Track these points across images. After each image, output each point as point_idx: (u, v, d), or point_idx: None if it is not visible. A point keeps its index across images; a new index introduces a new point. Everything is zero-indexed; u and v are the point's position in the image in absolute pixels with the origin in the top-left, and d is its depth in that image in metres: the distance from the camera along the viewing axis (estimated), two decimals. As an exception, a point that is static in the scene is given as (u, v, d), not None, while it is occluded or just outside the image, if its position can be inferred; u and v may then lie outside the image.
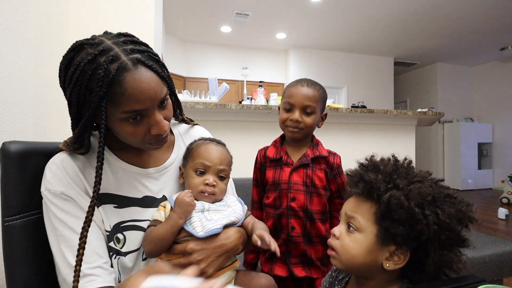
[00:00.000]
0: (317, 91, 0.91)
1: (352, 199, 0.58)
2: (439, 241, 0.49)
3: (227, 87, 2.32)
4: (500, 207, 3.89)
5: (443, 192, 0.53)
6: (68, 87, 0.56)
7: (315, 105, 0.90)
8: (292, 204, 0.90)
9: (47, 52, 1.23)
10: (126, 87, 0.53)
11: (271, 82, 5.83)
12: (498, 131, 6.32)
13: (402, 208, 0.49)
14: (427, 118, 2.42)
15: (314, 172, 0.93)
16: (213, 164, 0.70)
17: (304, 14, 4.42)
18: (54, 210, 0.59)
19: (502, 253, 1.36)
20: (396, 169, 0.56)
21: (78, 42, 0.56)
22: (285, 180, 0.92)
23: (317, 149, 0.95)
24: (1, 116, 0.87)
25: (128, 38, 0.58)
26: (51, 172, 0.61)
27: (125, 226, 0.65)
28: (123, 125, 0.58)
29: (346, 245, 0.54)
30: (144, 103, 0.56)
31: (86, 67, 0.53)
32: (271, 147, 1.01)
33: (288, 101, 0.91)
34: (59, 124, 1.34)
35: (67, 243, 0.58)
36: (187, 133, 0.84)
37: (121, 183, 0.66)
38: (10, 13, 0.92)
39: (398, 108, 7.40)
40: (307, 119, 0.90)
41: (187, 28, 4.98)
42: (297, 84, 0.92)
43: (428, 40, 5.29)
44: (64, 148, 0.63)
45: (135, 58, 0.55)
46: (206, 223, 0.64)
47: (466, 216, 0.51)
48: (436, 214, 0.49)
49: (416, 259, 0.51)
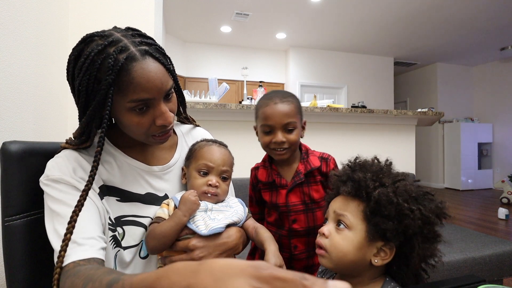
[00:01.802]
0: (292, 103, 0.85)
1: (339, 198, 0.60)
2: (422, 235, 0.52)
3: (227, 87, 2.32)
4: (500, 207, 3.89)
5: (421, 190, 0.57)
6: (77, 77, 0.57)
7: (294, 119, 0.84)
8: (294, 226, 0.88)
9: (47, 52, 1.23)
10: (134, 76, 0.55)
11: (271, 82, 5.84)
12: (498, 131, 6.33)
13: (391, 204, 0.52)
14: (427, 118, 2.42)
15: (310, 188, 0.89)
16: (216, 165, 0.71)
17: (304, 14, 4.42)
18: (51, 193, 0.57)
19: (502, 253, 1.37)
20: (381, 168, 0.59)
21: (89, 34, 0.58)
22: (283, 203, 0.89)
23: (307, 161, 0.90)
24: (1, 116, 0.87)
25: (136, 32, 0.61)
26: (53, 162, 0.60)
27: (125, 221, 0.65)
28: (129, 115, 0.59)
29: (337, 243, 0.56)
30: (151, 92, 0.57)
31: (95, 57, 0.55)
32: (261, 170, 0.95)
33: (266, 124, 0.84)
34: (59, 124, 1.34)
35: (63, 220, 0.54)
36: (189, 133, 0.85)
37: (126, 178, 0.67)
38: (10, 13, 0.92)
39: (398, 108, 7.41)
40: (291, 136, 0.84)
41: (187, 28, 4.98)
42: (269, 103, 0.84)
43: (428, 40, 5.29)
44: (68, 145, 0.63)
45: (143, 50, 0.57)
46: (210, 222, 0.66)
47: (442, 212, 0.55)
48: (419, 209, 0.52)
49: (401, 253, 0.54)
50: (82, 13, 1.67)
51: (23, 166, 0.63)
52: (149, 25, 1.84)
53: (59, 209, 0.56)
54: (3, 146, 0.62)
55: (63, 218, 0.55)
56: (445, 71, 6.59)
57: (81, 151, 0.64)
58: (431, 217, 0.53)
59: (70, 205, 0.55)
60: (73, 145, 0.63)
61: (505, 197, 4.57)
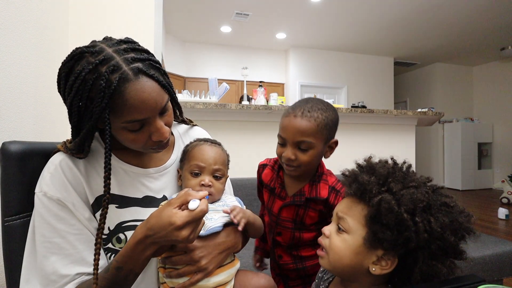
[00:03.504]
0: (315, 120, 0.73)
1: (345, 199, 0.58)
2: (429, 250, 0.48)
3: (227, 87, 2.32)
4: (500, 207, 3.89)
5: (439, 200, 0.51)
6: (68, 97, 0.56)
7: (311, 139, 0.73)
8: (277, 238, 0.86)
9: (47, 52, 1.23)
10: (128, 98, 0.54)
11: (271, 82, 5.83)
12: (498, 131, 6.32)
13: (391, 212, 0.48)
14: (427, 118, 2.42)
15: (306, 213, 0.81)
16: (208, 165, 0.71)
17: (304, 14, 4.42)
18: (46, 215, 0.58)
19: (502, 253, 1.36)
20: (393, 172, 0.54)
21: (78, 49, 0.55)
22: (275, 213, 0.85)
23: (316, 187, 0.80)
24: (1, 116, 0.87)
25: (129, 45, 0.58)
26: (49, 174, 0.60)
27: (126, 226, 0.65)
28: (125, 133, 0.59)
29: (334, 244, 0.54)
30: (145, 113, 0.56)
31: (87, 76, 0.53)
32: (267, 170, 0.89)
33: (280, 135, 0.77)
34: (58, 124, 1.34)
35: (58, 251, 0.57)
36: (186, 133, 0.85)
37: (122, 184, 0.66)
38: (10, 13, 0.92)
39: (398, 108, 7.40)
40: (303, 156, 0.75)
41: (187, 28, 4.98)
42: (290, 114, 0.75)
43: (428, 40, 5.29)
44: (63, 150, 0.63)
45: (136, 68, 0.55)
46: (207, 222, 0.66)
47: (462, 227, 0.49)
48: (428, 222, 0.47)
49: (404, 266, 0.50)
50: (82, 13, 1.67)
51: (23, 166, 0.63)
52: (149, 25, 1.84)
53: (55, 239, 0.57)
54: (3, 146, 0.62)
55: (59, 250, 0.57)
56: (445, 71, 6.58)
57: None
58: (443, 232, 0.47)
59: (67, 239, 0.58)
60: (69, 153, 0.62)
61: (505, 197, 4.57)
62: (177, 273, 0.62)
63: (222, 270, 0.67)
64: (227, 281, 0.68)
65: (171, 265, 0.64)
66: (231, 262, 0.71)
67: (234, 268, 0.71)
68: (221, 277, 0.66)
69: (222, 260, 0.67)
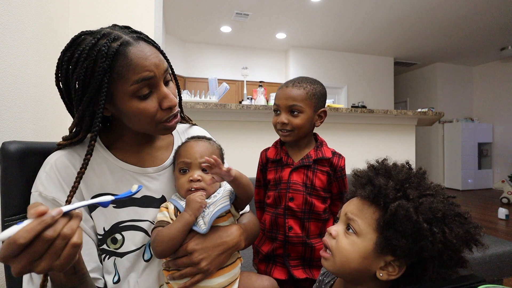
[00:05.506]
0: (304, 89, 0.87)
1: (355, 200, 0.55)
2: (440, 259, 0.47)
3: (227, 87, 2.33)
4: (500, 207, 3.89)
5: (453, 210, 0.50)
6: (73, 73, 0.57)
7: (301, 104, 0.86)
8: (290, 204, 0.88)
9: (47, 52, 1.23)
10: (132, 57, 0.57)
11: (271, 82, 5.83)
12: (498, 131, 6.32)
13: (409, 220, 0.47)
14: (427, 118, 2.42)
15: (315, 174, 0.89)
16: (193, 159, 0.69)
17: (304, 14, 4.42)
18: None
19: (502, 253, 1.36)
20: (409, 177, 0.53)
21: (77, 34, 0.60)
22: (285, 179, 0.90)
23: (320, 150, 0.92)
24: (1, 116, 0.86)
25: (125, 26, 0.64)
26: (45, 173, 0.60)
27: (124, 226, 0.64)
28: (134, 102, 0.59)
29: (342, 246, 0.52)
30: (151, 69, 0.58)
31: (90, 51, 0.56)
32: (271, 149, 0.98)
33: (275, 103, 0.90)
34: (59, 124, 1.34)
35: None
36: (185, 132, 0.84)
37: (119, 183, 0.66)
38: (10, 13, 0.92)
39: (398, 108, 7.40)
40: (295, 119, 0.87)
41: (187, 28, 4.98)
42: (283, 87, 0.90)
43: (428, 40, 5.29)
44: (62, 141, 0.63)
45: (136, 36, 0.60)
46: (206, 218, 0.65)
47: (473, 238, 0.49)
48: (443, 232, 0.46)
49: (412, 273, 0.49)
50: (82, 13, 1.66)
51: (23, 166, 0.63)
52: (149, 25, 1.84)
53: None
54: (2, 146, 0.62)
55: None
56: (445, 71, 6.58)
57: (75, 148, 0.64)
58: (456, 244, 0.47)
59: None
60: (68, 139, 0.63)
61: (505, 197, 4.57)
62: (179, 274, 0.62)
63: (225, 271, 0.67)
64: (231, 281, 0.67)
65: (174, 267, 0.64)
66: (233, 262, 0.70)
67: (237, 268, 0.70)
68: (224, 278, 0.66)
69: (224, 261, 0.66)
